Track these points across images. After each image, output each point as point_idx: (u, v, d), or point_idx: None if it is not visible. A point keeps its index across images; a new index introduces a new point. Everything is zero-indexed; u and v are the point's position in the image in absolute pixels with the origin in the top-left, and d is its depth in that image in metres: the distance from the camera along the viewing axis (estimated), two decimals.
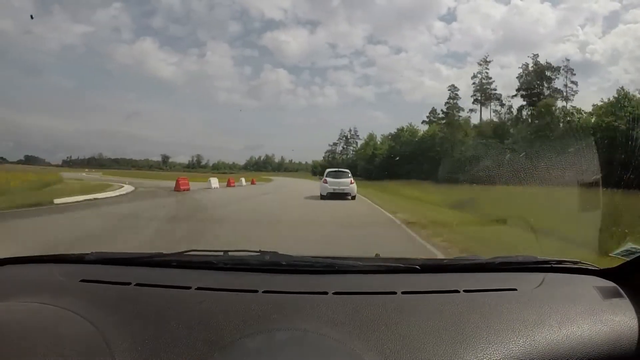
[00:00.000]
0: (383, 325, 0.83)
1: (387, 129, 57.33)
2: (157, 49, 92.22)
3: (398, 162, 41.78)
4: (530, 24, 66.29)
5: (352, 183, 14.84)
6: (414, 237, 6.66)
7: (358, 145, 63.87)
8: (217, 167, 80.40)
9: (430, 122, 49.28)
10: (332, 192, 14.37)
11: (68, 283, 1.08)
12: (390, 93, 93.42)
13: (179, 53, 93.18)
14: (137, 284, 1.03)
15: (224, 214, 9.90)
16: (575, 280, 1.13)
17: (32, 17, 71.20)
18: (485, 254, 1.55)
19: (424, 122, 50.08)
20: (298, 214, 10.47)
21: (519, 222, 6.30)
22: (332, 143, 68.44)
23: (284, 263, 1.16)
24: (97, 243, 5.14)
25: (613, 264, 1.13)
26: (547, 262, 1.21)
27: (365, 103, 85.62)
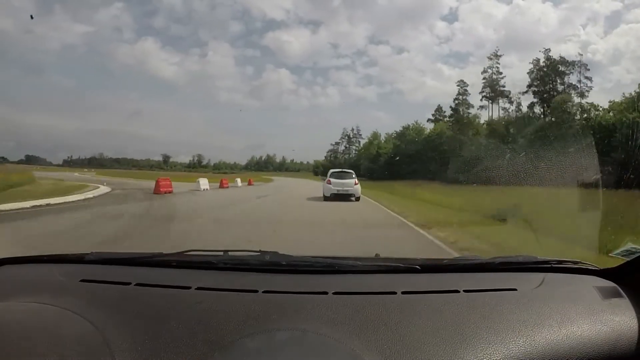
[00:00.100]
0: (383, 325, 0.84)
1: (389, 129, 55.88)
2: (158, 49, 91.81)
3: (403, 161, 39.90)
4: (532, 24, 64.33)
5: (356, 184, 14.47)
6: None
7: (361, 145, 61.96)
8: (218, 166, 79.79)
9: (436, 120, 47.22)
10: (336, 193, 13.93)
11: (68, 283, 1.08)
12: (392, 93, 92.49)
13: (181, 53, 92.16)
14: (137, 284, 1.04)
15: (194, 229, 7.15)
16: (575, 280, 1.14)
17: (32, 17, 71.15)
18: None
19: (430, 120, 48.17)
20: (300, 229, 7.50)
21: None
22: (334, 142, 67.14)
23: (284, 263, 1.17)
24: None
25: (613, 264, 1.14)
26: (547, 262, 1.22)
27: (367, 103, 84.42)
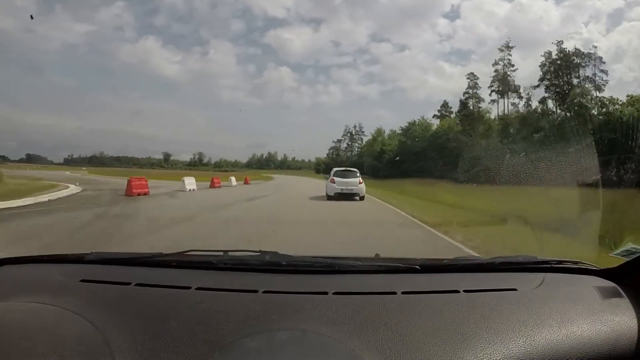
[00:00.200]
0: (383, 325, 0.84)
1: (391, 127, 54.52)
2: (160, 48, 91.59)
3: (409, 158, 38.38)
4: (534, 22, 63.42)
5: (360, 183, 14.26)
6: None
7: (363, 142, 60.57)
8: (219, 165, 79.70)
9: (442, 116, 44.97)
10: (340, 192, 13.72)
11: (68, 283, 1.08)
12: (394, 91, 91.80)
13: (182, 51, 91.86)
14: (137, 284, 1.04)
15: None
16: (575, 280, 1.14)
17: (32, 17, 70.81)
18: None
19: (435, 116, 45.82)
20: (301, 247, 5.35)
21: None
22: (336, 140, 66.74)
23: (284, 263, 1.17)
24: None
25: (613, 264, 1.14)
26: (547, 262, 1.21)
27: (369, 101, 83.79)
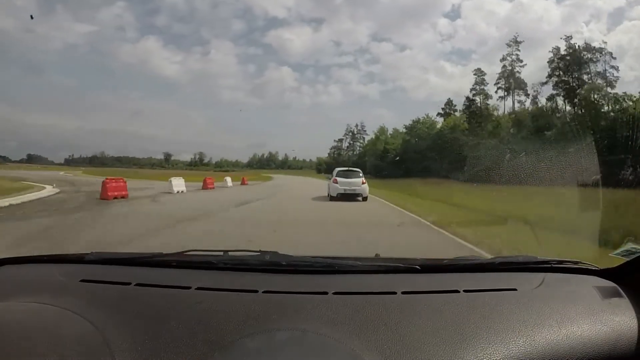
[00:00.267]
0: (383, 325, 0.84)
1: (391, 127, 53.58)
2: (160, 48, 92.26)
3: (414, 158, 37.17)
4: (535, 21, 63.57)
5: (363, 183, 14.09)
6: None
7: (365, 141, 59.79)
8: (219, 165, 79.70)
9: (446, 114, 43.42)
10: (342, 192, 13.58)
11: (68, 283, 1.08)
12: (395, 91, 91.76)
13: (183, 51, 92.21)
14: (137, 284, 1.04)
15: None
16: (575, 280, 1.13)
17: (32, 17, 70.83)
18: None
19: (439, 114, 44.35)
20: None
21: None
22: (337, 139, 66.48)
23: (284, 263, 1.17)
24: None
25: (613, 264, 1.14)
26: (547, 262, 1.21)
27: (370, 101, 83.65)
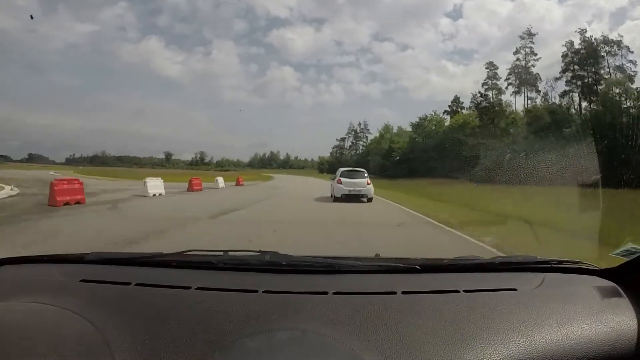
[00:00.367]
0: (383, 325, 0.84)
1: (394, 126, 52.56)
2: (162, 48, 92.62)
3: (421, 157, 35.86)
4: (537, 21, 65.27)
5: (369, 184, 13.64)
6: None
7: (368, 140, 59.19)
8: (221, 164, 79.54)
9: (453, 111, 41.93)
10: (347, 193, 13.19)
11: (68, 283, 1.08)
12: (397, 90, 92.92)
13: (185, 51, 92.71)
14: (137, 284, 1.04)
15: None
16: (575, 280, 1.13)
17: (32, 17, 70.76)
18: None
19: (446, 112, 43.26)
20: None
21: None
22: (339, 138, 66.24)
23: (284, 263, 1.16)
24: None
25: (613, 264, 1.13)
26: (547, 262, 1.21)
27: (372, 100, 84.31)
